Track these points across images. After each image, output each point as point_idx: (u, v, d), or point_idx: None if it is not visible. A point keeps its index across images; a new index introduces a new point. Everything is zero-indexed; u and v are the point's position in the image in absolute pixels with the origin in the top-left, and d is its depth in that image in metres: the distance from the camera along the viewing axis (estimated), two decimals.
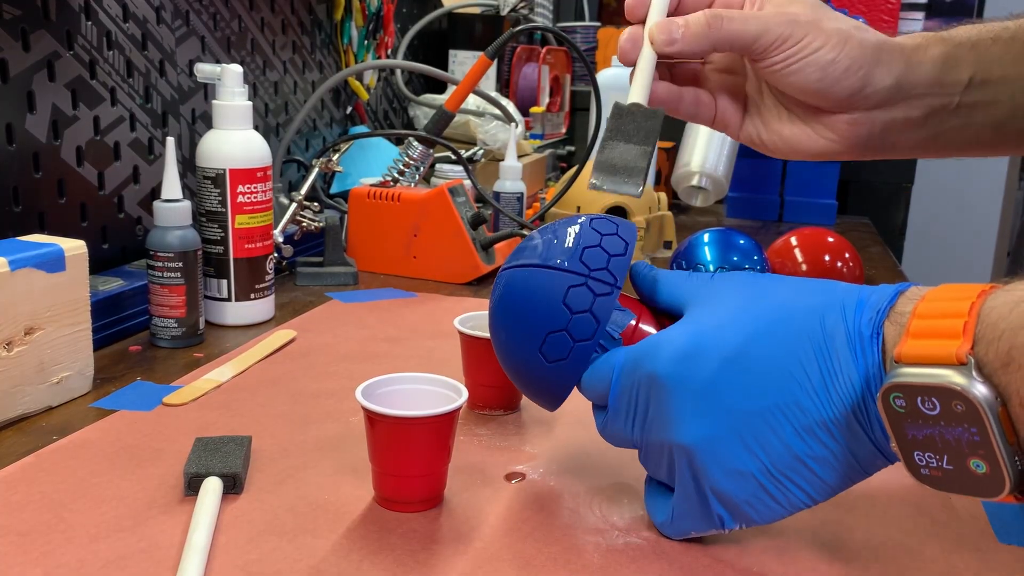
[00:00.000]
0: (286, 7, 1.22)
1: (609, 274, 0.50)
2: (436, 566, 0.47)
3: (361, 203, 1.07)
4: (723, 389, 0.45)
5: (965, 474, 0.39)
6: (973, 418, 0.38)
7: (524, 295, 0.51)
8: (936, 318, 0.40)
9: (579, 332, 0.49)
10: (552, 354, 0.50)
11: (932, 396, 0.39)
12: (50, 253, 0.64)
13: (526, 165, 1.34)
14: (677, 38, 0.54)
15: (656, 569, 0.48)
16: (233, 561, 0.47)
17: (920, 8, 2.71)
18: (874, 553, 0.50)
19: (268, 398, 0.69)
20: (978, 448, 0.38)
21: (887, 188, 1.80)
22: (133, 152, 0.93)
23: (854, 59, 0.54)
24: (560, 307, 0.49)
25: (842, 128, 0.57)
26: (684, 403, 0.46)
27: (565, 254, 0.50)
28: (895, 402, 0.40)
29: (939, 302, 0.41)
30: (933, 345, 0.39)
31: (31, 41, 0.79)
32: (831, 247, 1.14)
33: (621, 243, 0.51)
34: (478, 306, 0.94)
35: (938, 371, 0.38)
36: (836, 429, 0.43)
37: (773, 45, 0.53)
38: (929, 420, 0.39)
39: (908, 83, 0.56)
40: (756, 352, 0.45)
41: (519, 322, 0.51)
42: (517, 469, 0.59)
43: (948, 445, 0.39)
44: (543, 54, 1.71)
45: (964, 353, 0.38)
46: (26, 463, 0.57)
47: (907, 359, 0.40)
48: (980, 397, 0.37)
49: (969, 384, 0.38)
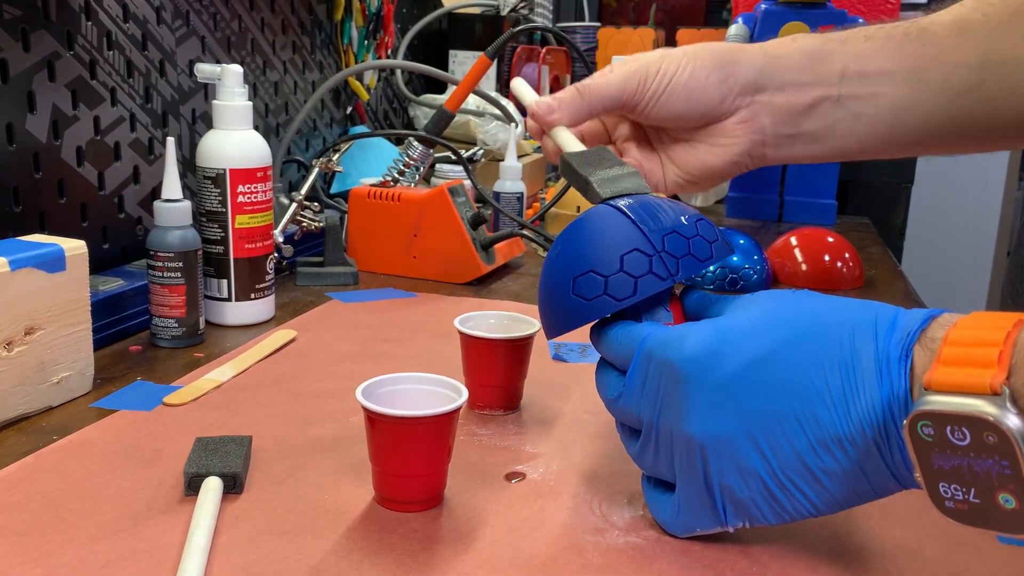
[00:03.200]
0: (286, 7, 1.22)
1: (676, 264, 0.49)
2: (436, 566, 0.47)
3: (361, 203, 1.07)
4: (741, 389, 0.45)
5: (993, 508, 0.38)
6: (1005, 450, 0.36)
7: (598, 228, 0.51)
8: (969, 346, 0.39)
9: (615, 290, 0.49)
10: (581, 291, 0.51)
11: (963, 426, 0.37)
12: (50, 253, 0.64)
13: (526, 165, 1.34)
14: (555, 108, 0.60)
15: (656, 569, 0.48)
16: (233, 561, 0.47)
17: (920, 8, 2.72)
18: (874, 553, 0.50)
19: (268, 398, 0.69)
20: (1008, 482, 0.37)
21: (887, 188, 1.80)
22: (133, 152, 0.93)
23: (709, 68, 0.58)
24: (615, 257, 0.50)
25: (733, 129, 0.60)
26: (700, 397, 0.46)
27: (657, 222, 0.50)
28: (923, 430, 0.39)
29: (973, 330, 0.39)
30: (966, 374, 0.38)
31: (31, 41, 0.79)
32: (831, 247, 1.14)
33: (707, 250, 0.50)
34: (478, 306, 0.94)
35: (970, 400, 0.37)
36: (851, 447, 0.43)
37: (637, 89, 0.59)
38: (958, 451, 0.38)
39: (774, 70, 0.59)
40: (780, 358, 0.44)
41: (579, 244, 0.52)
42: (517, 469, 0.59)
43: (976, 477, 0.38)
44: (543, 54, 1.71)
45: (999, 383, 0.37)
46: (26, 463, 0.57)
47: (937, 387, 0.39)
48: (1015, 429, 0.36)
49: (1003, 415, 0.36)
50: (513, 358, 0.67)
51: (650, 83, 0.58)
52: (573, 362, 0.80)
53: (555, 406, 0.70)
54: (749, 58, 0.59)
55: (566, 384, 0.74)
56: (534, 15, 1.80)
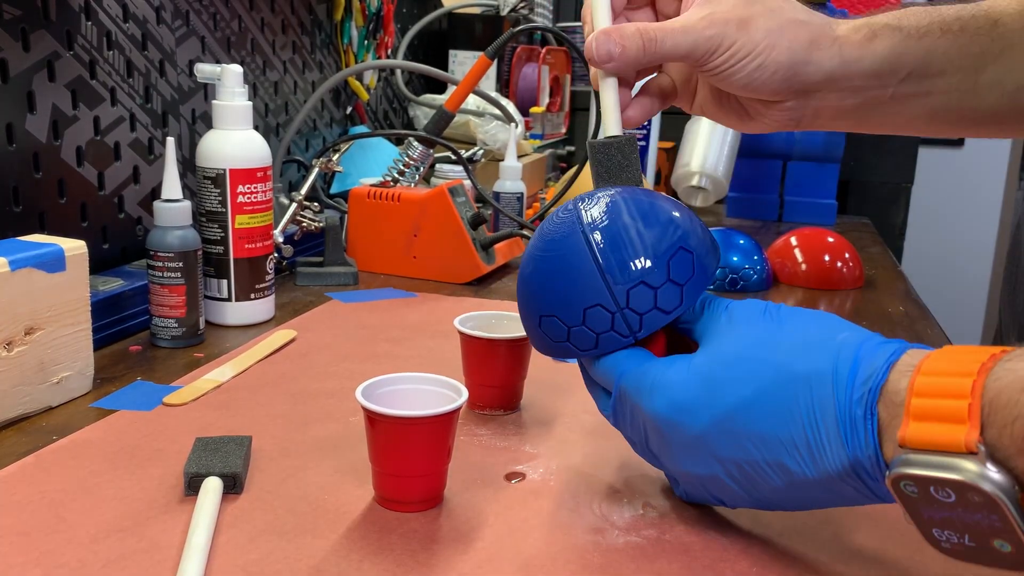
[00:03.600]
0: (286, 7, 1.22)
1: (639, 322, 0.49)
2: (436, 566, 0.47)
3: (361, 203, 1.07)
4: (713, 440, 0.47)
5: (990, 551, 0.38)
6: (991, 507, 0.36)
7: (563, 269, 0.50)
8: (937, 397, 0.38)
9: (578, 341, 0.51)
10: (547, 331, 0.52)
11: (945, 487, 0.37)
12: (50, 253, 0.64)
13: (526, 165, 1.34)
14: (615, 56, 0.54)
15: (656, 569, 0.48)
16: (233, 561, 0.47)
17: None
18: (874, 553, 0.50)
19: (268, 398, 0.69)
20: (1000, 532, 0.37)
21: (887, 188, 1.80)
22: (133, 152, 0.93)
23: (781, 64, 0.55)
24: (577, 310, 0.50)
25: (772, 115, 0.59)
26: (675, 446, 0.49)
27: (624, 272, 0.49)
28: (906, 488, 0.39)
29: (937, 377, 0.39)
30: (938, 431, 0.37)
31: (31, 41, 0.79)
32: (831, 247, 1.14)
33: (675, 300, 0.49)
34: (478, 306, 0.94)
35: (948, 460, 0.37)
36: (823, 485, 0.44)
37: (704, 57, 0.54)
38: (945, 506, 0.38)
39: (842, 76, 0.56)
40: (746, 414, 0.45)
41: (544, 283, 0.51)
42: (517, 469, 0.59)
43: (969, 527, 0.38)
44: (543, 54, 1.71)
45: (974, 442, 0.36)
46: (26, 463, 0.57)
47: (912, 444, 0.38)
48: (996, 489, 0.36)
49: (982, 476, 0.36)
50: (513, 358, 0.67)
51: (717, 56, 0.54)
52: (573, 362, 0.79)
53: (555, 406, 0.70)
54: (822, 56, 0.55)
55: (566, 384, 0.74)
56: (534, 15, 1.80)
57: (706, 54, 0.54)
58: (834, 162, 1.57)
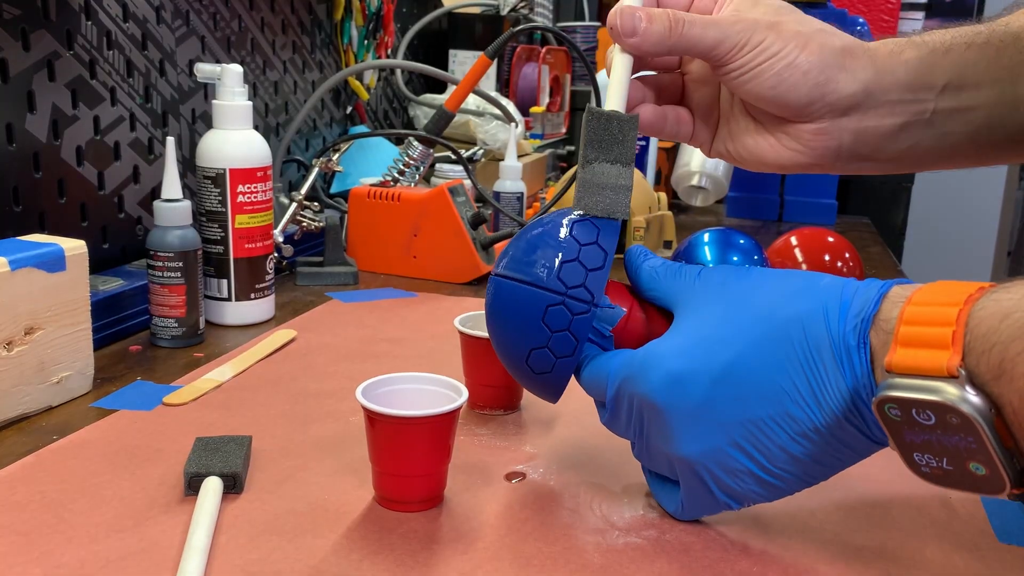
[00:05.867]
0: (286, 7, 1.22)
1: (586, 291, 0.50)
2: (436, 566, 0.47)
3: (361, 203, 1.07)
4: (716, 407, 0.46)
5: (966, 474, 0.40)
6: (968, 429, 0.38)
7: (508, 308, 0.52)
8: (924, 325, 0.40)
9: (560, 349, 0.51)
10: (537, 367, 0.52)
11: (926, 409, 0.39)
12: (50, 253, 0.64)
13: (526, 165, 1.34)
14: (639, 32, 0.52)
15: (656, 569, 0.48)
16: (233, 561, 0.47)
17: (920, 8, 2.72)
18: (874, 553, 0.50)
19: (268, 398, 0.69)
20: (976, 454, 0.39)
21: (887, 188, 1.80)
22: (133, 152, 0.93)
23: (812, 63, 0.52)
24: (540, 325, 0.50)
25: (807, 138, 0.54)
26: (679, 423, 0.47)
27: (544, 269, 0.50)
28: (890, 411, 0.40)
29: (926, 307, 0.40)
30: (923, 356, 0.39)
31: (31, 41, 0.79)
32: (831, 247, 1.14)
33: (600, 254, 0.51)
34: (478, 306, 0.94)
35: (930, 383, 0.39)
36: (829, 432, 0.44)
37: (731, 53, 0.52)
38: (926, 428, 0.39)
39: (878, 89, 0.53)
40: (744, 368, 0.45)
41: (506, 333, 0.52)
42: (517, 469, 0.59)
43: (947, 449, 0.40)
44: (543, 54, 1.71)
45: (955, 366, 0.38)
46: (26, 463, 0.57)
47: (898, 369, 0.40)
48: (974, 411, 0.37)
49: (961, 398, 0.38)
50: None
51: (744, 53, 0.52)
52: None
53: (555, 406, 0.70)
54: (856, 64, 0.53)
55: None
56: (534, 15, 1.80)
57: (733, 48, 0.52)
58: None
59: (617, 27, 0.52)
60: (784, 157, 0.55)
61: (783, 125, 0.55)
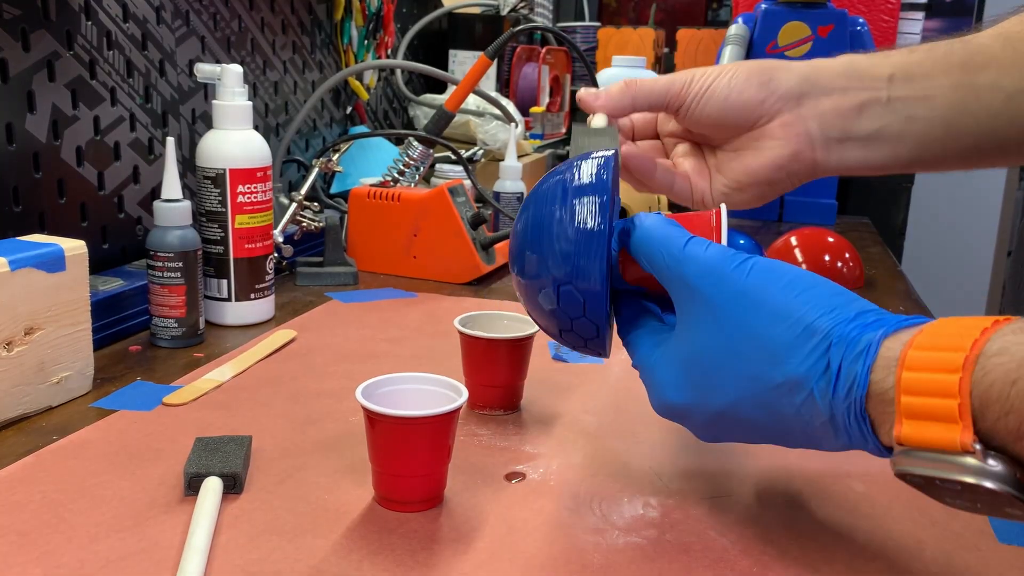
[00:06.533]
0: (286, 7, 1.22)
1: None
2: (436, 566, 0.47)
3: (361, 203, 1.07)
4: (713, 432, 0.49)
5: (1002, 514, 0.39)
6: (997, 496, 0.37)
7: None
8: (925, 396, 0.38)
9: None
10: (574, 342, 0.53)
11: (949, 483, 0.38)
12: (50, 253, 0.64)
13: (526, 165, 1.34)
14: (600, 96, 0.61)
15: (656, 569, 0.48)
16: (233, 561, 0.47)
17: (920, 8, 2.72)
18: (874, 553, 0.50)
19: (268, 398, 0.69)
20: (1009, 504, 0.38)
21: (887, 188, 1.80)
22: (133, 152, 0.93)
23: (750, 71, 0.60)
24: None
25: (778, 132, 0.59)
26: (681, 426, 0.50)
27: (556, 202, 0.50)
28: (912, 480, 0.40)
29: (923, 373, 0.39)
30: (933, 431, 0.38)
31: (31, 41, 0.79)
32: (831, 247, 1.14)
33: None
34: (478, 306, 0.94)
35: (948, 458, 0.38)
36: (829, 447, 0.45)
37: (680, 92, 0.60)
38: (954, 492, 0.39)
39: (816, 76, 0.59)
40: (737, 415, 0.46)
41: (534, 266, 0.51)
42: (517, 469, 0.59)
43: (980, 501, 0.39)
44: (543, 54, 1.71)
45: (969, 443, 0.37)
46: (26, 463, 0.57)
47: (909, 442, 0.39)
48: (999, 482, 0.37)
49: (983, 473, 0.37)
50: (513, 358, 0.67)
51: (693, 86, 0.60)
52: (573, 362, 0.79)
53: (555, 406, 0.70)
54: (792, 66, 0.60)
55: (566, 384, 0.74)
56: (534, 15, 1.80)
57: (682, 87, 0.60)
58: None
59: (584, 100, 0.62)
60: (768, 158, 0.60)
61: (753, 134, 0.61)
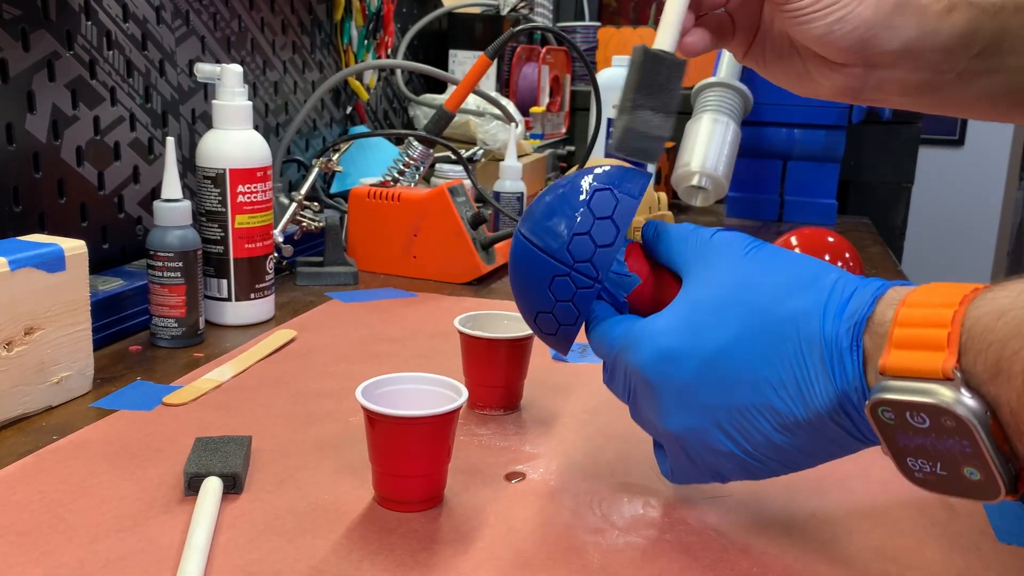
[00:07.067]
0: (286, 7, 1.22)
1: (592, 267, 0.50)
2: (436, 566, 0.47)
3: (361, 203, 1.07)
4: (702, 387, 0.46)
5: (960, 479, 0.39)
6: (963, 432, 0.37)
7: (522, 268, 0.53)
8: (919, 327, 0.39)
9: (563, 318, 0.52)
10: (544, 328, 0.53)
11: (920, 411, 0.38)
12: (50, 253, 0.64)
13: (526, 165, 1.34)
14: None
15: (656, 569, 0.48)
16: (233, 561, 0.47)
17: None
18: (874, 553, 0.50)
19: (268, 398, 0.69)
20: (970, 459, 0.38)
21: (887, 188, 1.80)
22: (133, 152, 0.93)
23: (863, 20, 0.55)
24: (546, 292, 0.51)
25: (834, 77, 0.58)
26: (666, 399, 0.48)
27: (557, 238, 0.51)
28: (884, 415, 0.40)
29: (921, 308, 0.40)
30: (918, 358, 0.39)
31: (31, 41, 0.79)
32: (831, 247, 1.14)
33: (612, 230, 0.51)
34: (478, 306, 0.94)
35: (925, 386, 0.38)
36: (813, 428, 0.44)
37: None
38: (920, 432, 0.39)
39: (917, 48, 0.56)
40: (733, 356, 0.45)
41: (519, 290, 0.54)
42: (517, 469, 0.59)
43: (941, 454, 0.39)
44: (543, 54, 1.71)
45: (950, 368, 0.37)
46: (26, 463, 0.57)
47: (892, 371, 0.39)
48: (969, 413, 0.37)
49: (956, 401, 0.37)
50: (513, 358, 0.67)
51: None
52: (573, 362, 0.80)
53: (555, 406, 0.70)
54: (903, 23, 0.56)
55: (566, 384, 0.74)
56: (534, 15, 1.80)
57: None
58: (834, 162, 1.57)
59: None
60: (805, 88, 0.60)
61: (815, 60, 0.58)
